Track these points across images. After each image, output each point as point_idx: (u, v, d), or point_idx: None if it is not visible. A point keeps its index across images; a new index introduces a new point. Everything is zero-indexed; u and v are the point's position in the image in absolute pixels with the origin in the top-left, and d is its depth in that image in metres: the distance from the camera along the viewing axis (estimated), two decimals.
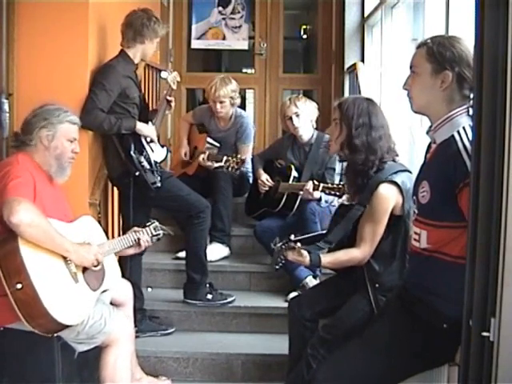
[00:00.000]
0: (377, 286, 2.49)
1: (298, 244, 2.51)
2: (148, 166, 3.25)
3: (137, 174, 3.21)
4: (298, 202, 3.71)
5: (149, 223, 2.83)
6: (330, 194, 3.35)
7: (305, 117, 3.76)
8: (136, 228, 2.79)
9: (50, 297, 2.19)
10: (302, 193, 3.60)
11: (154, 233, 2.81)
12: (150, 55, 3.42)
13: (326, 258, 2.52)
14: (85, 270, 2.43)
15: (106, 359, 2.48)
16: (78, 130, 2.62)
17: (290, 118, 3.75)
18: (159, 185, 3.26)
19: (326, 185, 3.41)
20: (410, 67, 1.94)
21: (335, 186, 3.36)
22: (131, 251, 2.78)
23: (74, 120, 2.60)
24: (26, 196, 2.22)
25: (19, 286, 2.14)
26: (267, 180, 3.93)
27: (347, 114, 2.50)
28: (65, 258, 2.34)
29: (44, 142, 2.49)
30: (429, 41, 1.90)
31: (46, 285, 2.19)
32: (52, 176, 2.52)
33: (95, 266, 2.47)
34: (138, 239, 2.74)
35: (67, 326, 2.26)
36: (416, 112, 1.99)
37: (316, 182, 3.48)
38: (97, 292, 2.48)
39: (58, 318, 2.19)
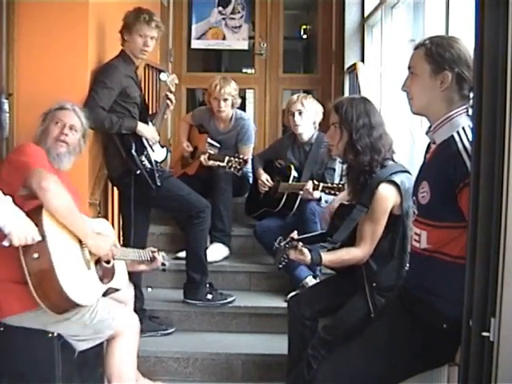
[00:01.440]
0: (374, 285, 2.49)
1: (300, 243, 2.52)
2: (149, 165, 3.25)
3: (138, 172, 3.21)
4: (297, 202, 3.71)
5: (163, 252, 2.90)
6: (329, 193, 3.36)
7: (307, 116, 3.76)
8: (153, 248, 2.85)
9: (64, 272, 2.20)
10: (301, 193, 3.60)
11: (165, 261, 2.87)
12: (136, 52, 3.34)
13: (327, 257, 2.52)
14: (97, 262, 2.46)
15: (112, 352, 2.48)
16: (66, 114, 2.66)
17: (293, 114, 3.75)
18: (159, 183, 3.26)
19: (325, 185, 3.41)
20: (409, 68, 1.94)
21: (335, 185, 3.36)
22: (142, 267, 2.82)
23: (60, 104, 2.68)
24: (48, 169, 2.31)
25: (36, 255, 2.16)
26: (267, 180, 3.93)
27: (346, 118, 2.49)
28: (81, 243, 2.36)
29: (38, 129, 2.61)
30: (427, 41, 1.90)
31: (61, 260, 2.21)
32: (52, 164, 2.54)
33: (107, 263, 2.50)
34: (154, 257, 2.80)
35: (75, 306, 2.26)
36: (416, 113, 1.99)
37: (316, 182, 3.49)
38: (105, 286, 2.49)
39: (69, 293, 2.19)
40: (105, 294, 2.51)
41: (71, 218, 2.30)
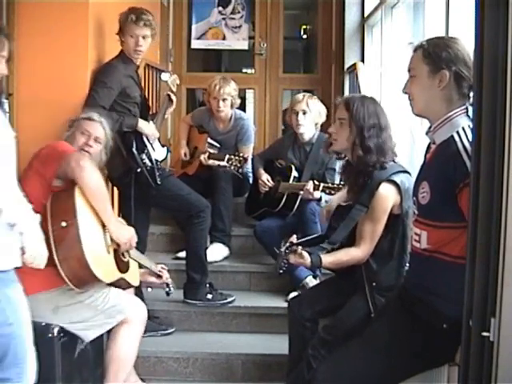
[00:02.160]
0: (374, 284, 2.49)
1: (300, 246, 2.51)
2: (149, 163, 3.26)
3: (138, 170, 3.22)
4: (298, 202, 3.71)
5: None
6: (330, 193, 3.35)
7: (311, 117, 3.75)
8: (164, 266, 2.98)
9: (88, 245, 2.29)
10: (302, 193, 3.60)
11: (170, 284, 2.99)
12: (130, 52, 3.33)
13: (327, 259, 2.52)
14: (115, 252, 2.53)
15: (116, 337, 2.53)
16: (93, 125, 2.75)
17: (297, 113, 3.75)
18: (160, 182, 3.27)
19: (326, 185, 3.41)
20: (408, 71, 1.95)
21: (335, 185, 3.36)
22: (151, 279, 2.93)
23: (88, 114, 2.79)
24: None
25: (64, 223, 2.27)
26: (268, 180, 3.93)
27: (358, 115, 2.48)
28: (104, 228, 2.45)
29: (64, 134, 2.74)
30: (424, 43, 1.92)
31: (87, 234, 2.30)
32: None
33: (123, 256, 2.57)
34: (160, 274, 2.91)
35: (95, 279, 2.32)
36: (417, 115, 1.99)
37: (316, 182, 3.49)
38: (120, 274, 2.54)
39: (92, 265, 2.28)
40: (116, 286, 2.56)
41: (101, 200, 2.41)
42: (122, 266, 2.57)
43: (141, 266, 2.83)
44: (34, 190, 2.28)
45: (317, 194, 3.51)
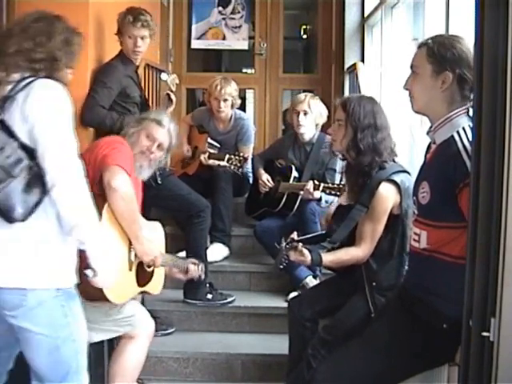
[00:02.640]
0: (374, 284, 2.49)
1: (300, 244, 2.52)
2: None
3: None
4: (298, 202, 3.71)
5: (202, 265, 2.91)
6: (330, 193, 3.35)
7: (312, 118, 3.75)
8: (194, 260, 2.90)
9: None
10: (302, 193, 3.60)
11: (201, 273, 2.90)
12: (129, 53, 3.35)
13: (327, 257, 2.52)
14: (139, 264, 2.52)
15: (123, 351, 2.52)
16: (160, 132, 2.72)
17: (298, 114, 3.75)
18: (160, 182, 3.27)
19: (326, 185, 3.41)
20: (411, 67, 1.94)
21: (336, 185, 3.36)
22: (179, 275, 2.86)
23: (159, 117, 2.77)
24: (127, 170, 2.37)
25: None
26: (268, 180, 3.92)
27: (353, 116, 2.48)
28: (130, 244, 2.43)
29: (130, 129, 2.72)
30: (429, 41, 1.90)
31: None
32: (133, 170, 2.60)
33: (148, 267, 2.57)
34: (187, 269, 2.82)
35: (106, 300, 2.28)
36: (417, 112, 1.99)
37: (316, 182, 3.48)
38: (139, 289, 2.55)
39: (105, 289, 2.20)
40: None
41: (129, 222, 2.38)
42: (145, 278, 2.56)
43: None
44: None
45: (317, 194, 3.51)
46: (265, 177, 3.94)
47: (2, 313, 1.80)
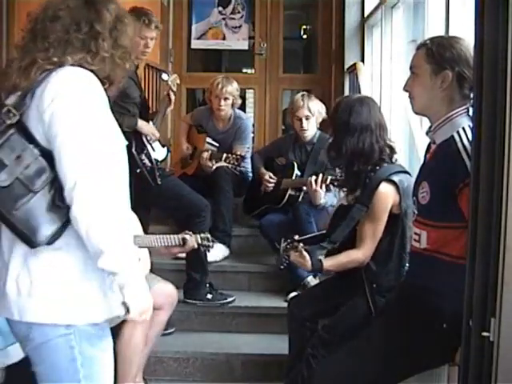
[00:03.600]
0: (374, 286, 2.49)
1: (301, 244, 2.52)
2: (149, 164, 3.26)
3: (138, 171, 3.22)
4: (300, 197, 3.69)
5: (202, 234, 2.74)
6: (337, 186, 3.27)
7: (313, 120, 3.74)
8: (188, 232, 2.67)
9: None
10: (305, 188, 3.58)
11: (205, 243, 2.72)
12: (137, 53, 3.30)
13: (328, 262, 2.53)
14: None
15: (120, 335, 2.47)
16: None
17: (300, 119, 3.73)
18: (160, 182, 3.27)
19: (333, 177, 3.33)
20: (410, 68, 1.95)
21: (341, 177, 3.31)
22: (176, 250, 2.67)
23: None
24: None
25: None
26: (270, 177, 3.90)
27: (337, 118, 2.51)
28: None
29: None
30: (428, 41, 1.91)
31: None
32: None
33: None
34: (184, 241, 2.61)
35: None
36: (417, 113, 1.99)
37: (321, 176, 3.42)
38: None
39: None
40: None
41: None
42: None
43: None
44: None
45: (322, 193, 3.45)
46: (267, 175, 3.91)
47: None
